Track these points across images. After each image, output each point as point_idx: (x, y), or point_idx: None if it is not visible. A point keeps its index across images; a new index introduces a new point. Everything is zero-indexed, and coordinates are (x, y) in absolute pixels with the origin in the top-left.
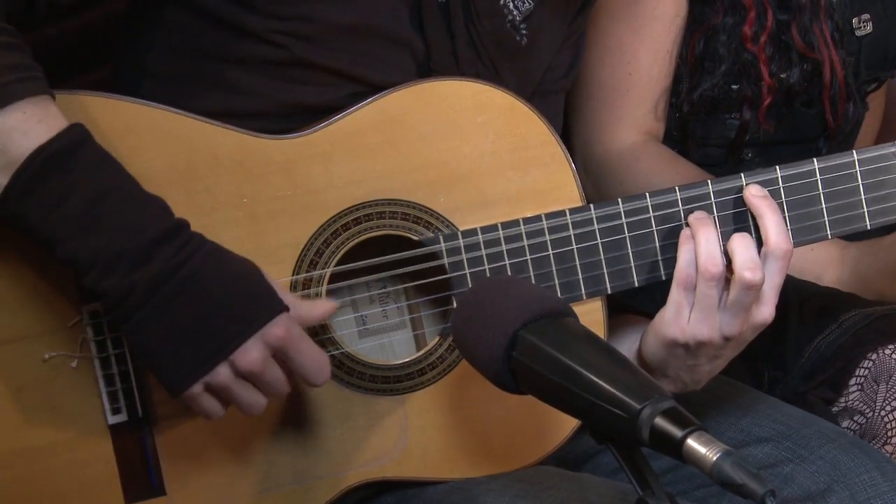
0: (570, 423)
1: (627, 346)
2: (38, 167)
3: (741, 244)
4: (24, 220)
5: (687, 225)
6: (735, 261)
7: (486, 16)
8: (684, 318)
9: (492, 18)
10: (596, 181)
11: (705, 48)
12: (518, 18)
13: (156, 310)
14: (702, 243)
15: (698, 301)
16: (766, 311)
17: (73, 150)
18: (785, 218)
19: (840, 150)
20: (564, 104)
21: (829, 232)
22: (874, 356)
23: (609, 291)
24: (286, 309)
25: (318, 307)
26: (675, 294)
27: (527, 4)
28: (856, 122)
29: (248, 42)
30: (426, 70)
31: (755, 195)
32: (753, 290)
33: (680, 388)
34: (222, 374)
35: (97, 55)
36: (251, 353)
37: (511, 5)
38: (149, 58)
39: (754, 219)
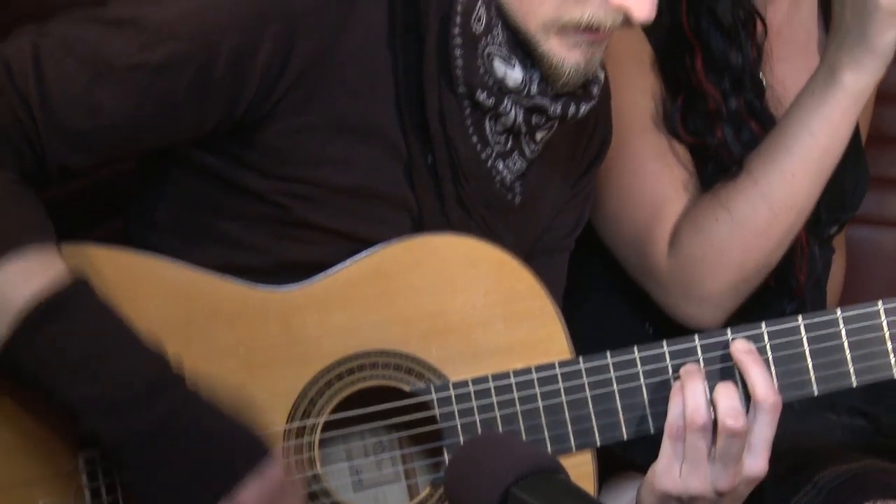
0: None
1: (625, 503)
2: (37, 316)
3: (724, 394)
4: (22, 368)
5: (676, 378)
6: (718, 410)
7: (473, 178)
8: (676, 470)
9: (479, 180)
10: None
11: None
12: (510, 178)
13: (158, 457)
14: (689, 396)
15: (687, 452)
16: (758, 464)
17: (72, 299)
18: (772, 374)
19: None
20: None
21: (815, 388)
22: None
23: (598, 444)
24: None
25: None
26: (667, 447)
27: (518, 164)
28: (823, 264)
29: (250, 201)
30: (419, 228)
31: (740, 350)
32: (738, 437)
33: None
34: None
35: (106, 209)
36: (252, 491)
37: (500, 166)
38: (155, 212)
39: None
